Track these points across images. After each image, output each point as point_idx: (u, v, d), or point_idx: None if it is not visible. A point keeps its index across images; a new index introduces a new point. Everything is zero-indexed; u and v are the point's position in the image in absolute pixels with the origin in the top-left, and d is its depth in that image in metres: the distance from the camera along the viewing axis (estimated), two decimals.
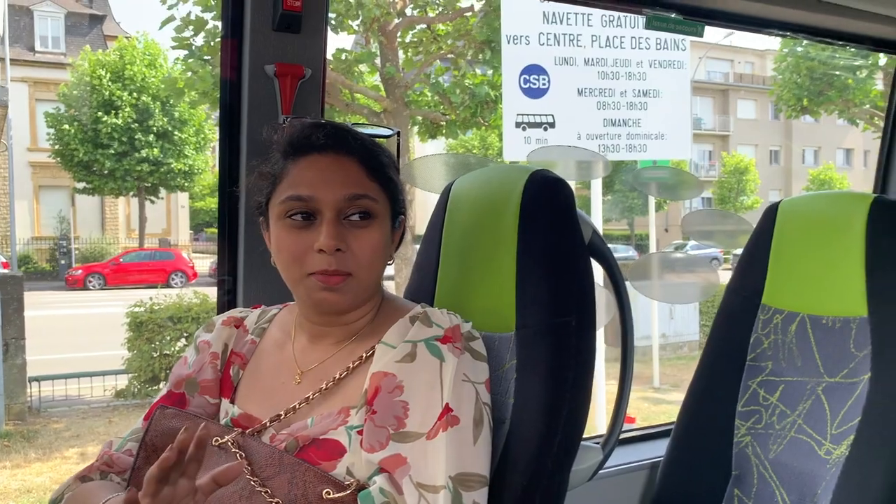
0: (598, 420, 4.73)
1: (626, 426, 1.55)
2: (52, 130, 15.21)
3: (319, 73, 1.40)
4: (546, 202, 1.08)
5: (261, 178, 1.03)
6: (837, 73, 12.54)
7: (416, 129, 7.75)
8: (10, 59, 15.22)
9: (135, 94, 14.88)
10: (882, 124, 2.32)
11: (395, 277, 6.98)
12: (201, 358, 1.11)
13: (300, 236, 0.97)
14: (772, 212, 1.57)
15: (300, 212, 0.97)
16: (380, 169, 1.01)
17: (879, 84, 12.25)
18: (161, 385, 6.55)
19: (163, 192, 16.84)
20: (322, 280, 0.96)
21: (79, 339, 9.08)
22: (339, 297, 0.98)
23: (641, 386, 7.47)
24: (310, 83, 1.40)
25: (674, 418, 1.61)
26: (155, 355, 6.47)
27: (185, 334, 6.52)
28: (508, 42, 4.40)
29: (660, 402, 7.03)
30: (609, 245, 1.23)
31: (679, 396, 1.60)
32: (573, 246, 1.06)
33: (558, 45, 4.48)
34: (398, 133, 1.10)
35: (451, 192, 1.25)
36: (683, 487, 1.57)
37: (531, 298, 1.05)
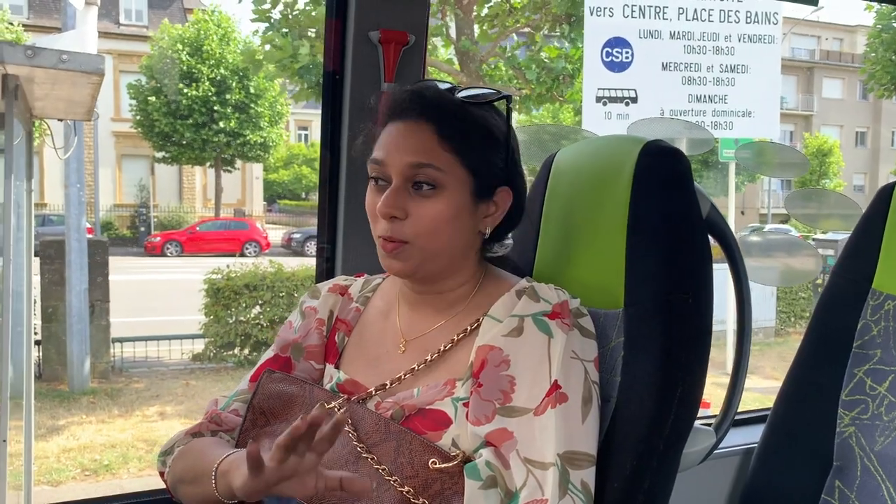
0: None
1: (702, 412, 1.50)
2: (134, 102, 15.71)
3: (422, 39, 1.38)
4: (662, 174, 1.03)
5: (365, 140, 1.05)
6: None
7: None
8: (98, 32, 15.71)
9: (212, 68, 15.22)
10: None
11: None
12: (307, 323, 1.12)
13: (376, 199, 0.98)
14: (886, 192, 1.47)
15: (378, 175, 0.98)
16: (456, 136, 0.96)
17: None
18: (236, 350, 6.75)
19: (238, 163, 17.23)
20: (382, 245, 0.98)
21: (157, 303, 9.43)
22: (399, 263, 0.98)
23: (714, 371, 7.23)
24: (412, 50, 1.38)
25: (746, 405, 1.55)
26: (231, 321, 6.66)
27: (259, 302, 6.69)
28: (591, 14, 4.29)
29: None
30: None
31: (751, 383, 1.54)
32: (691, 220, 1.01)
33: (643, 17, 4.34)
34: (509, 97, 1.02)
35: (553, 164, 1.21)
36: (779, 476, 1.51)
37: (644, 274, 1.01)
